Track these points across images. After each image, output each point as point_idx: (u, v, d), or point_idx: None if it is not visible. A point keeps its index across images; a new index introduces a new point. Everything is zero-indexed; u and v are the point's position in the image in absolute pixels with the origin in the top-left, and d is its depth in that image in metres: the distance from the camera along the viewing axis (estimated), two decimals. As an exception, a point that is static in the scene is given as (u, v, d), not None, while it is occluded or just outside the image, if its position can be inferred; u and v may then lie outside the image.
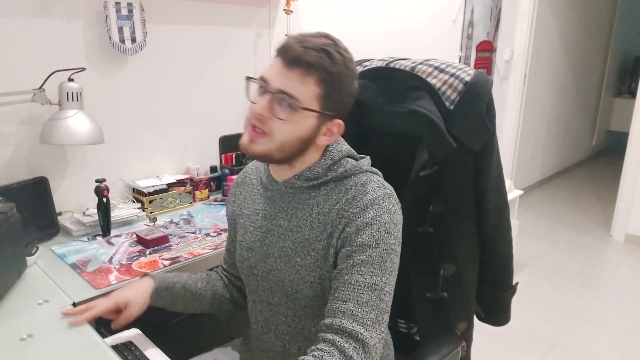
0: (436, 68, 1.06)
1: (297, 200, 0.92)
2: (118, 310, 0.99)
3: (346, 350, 0.76)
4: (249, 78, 0.88)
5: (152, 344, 1.06)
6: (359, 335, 0.77)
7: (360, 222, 0.84)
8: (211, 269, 1.20)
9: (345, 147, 0.94)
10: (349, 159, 0.92)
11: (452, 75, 1.03)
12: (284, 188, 0.93)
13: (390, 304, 0.84)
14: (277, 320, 0.96)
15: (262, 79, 0.85)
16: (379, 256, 0.82)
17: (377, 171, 0.94)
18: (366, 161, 0.94)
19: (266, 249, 0.94)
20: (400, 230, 0.88)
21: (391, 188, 0.89)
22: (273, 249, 0.93)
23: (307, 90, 0.82)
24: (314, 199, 0.90)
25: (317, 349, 0.77)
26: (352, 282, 0.81)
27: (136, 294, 1.00)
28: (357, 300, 0.80)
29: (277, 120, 0.83)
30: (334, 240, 0.86)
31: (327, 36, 0.86)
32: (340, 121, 0.89)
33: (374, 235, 0.83)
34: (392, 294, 0.84)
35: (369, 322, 0.79)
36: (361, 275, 0.81)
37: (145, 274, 1.07)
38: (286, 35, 0.87)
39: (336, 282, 0.83)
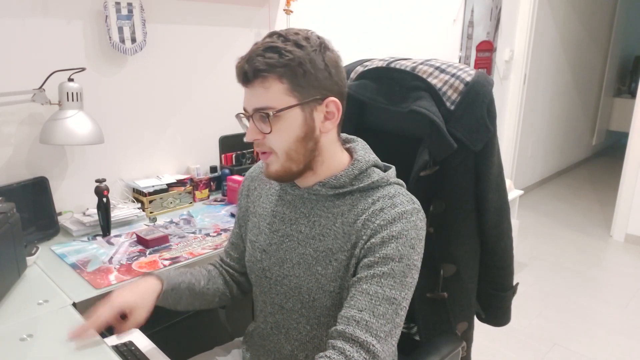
0: (437, 68, 1.06)
1: (320, 207, 0.90)
2: (122, 316, 0.93)
3: None
4: (237, 115, 0.91)
5: (152, 344, 1.06)
6: (371, 347, 0.76)
7: (386, 234, 0.82)
8: (210, 262, 1.15)
9: (372, 156, 0.93)
10: (375, 169, 0.91)
11: (452, 75, 1.03)
12: (306, 194, 0.92)
13: (404, 320, 0.83)
14: (289, 325, 0.95)
15: (244, 109, 0.87)
16: (400, 271, 0.81)
17: (403, 182, 0.93)
18: (392, 172, 0.92)
19: (283, 253, 0.93)
20: (423, 246, 0.87)
21: (418, 203, 0.88)
22: (291, 254, 0.91)
23: (274, 94, 0.81)
24: (339, 208, 0.88)
25: (326, 356, 0.76)
26: (370, 293, 0.80)
27: (142, 297, 0.93)
28: (373, 311, 0.78)
29: (268, 136, 0.83)
30: (358, 250, 0.85)
31: (272, 34, 0.83)
32: (332, 98, 0.84)
33: (399, 249, 0.82)
34: (407, 309, 0.83)
35: (382, 335, 0.77)
36: (380, 287, 0.80)
37: (147, 273, 1.02)
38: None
39: (353, 289, 0.82)
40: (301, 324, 0.92)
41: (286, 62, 0.79)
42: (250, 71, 0.80)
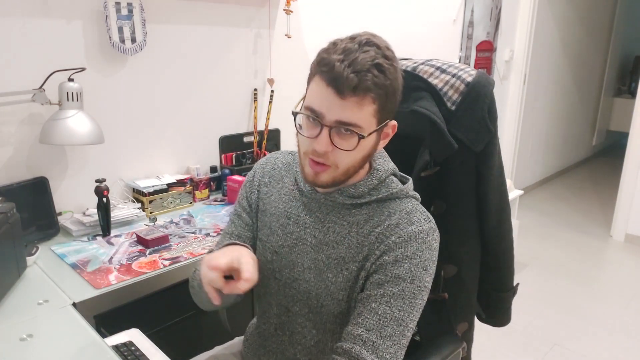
0: (438, 68, 1.06)
1: (335, 214, 0.88)
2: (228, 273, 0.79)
3: None
4: (295, 113, 0.81)
5: (152, 344, 1.06)
6: None
7: (400, 253, 0.81)
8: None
9: (390, 164, 0.91)
10: (393, 178, 0.89)
11: (453, 75, 1.03)
12: (323, 199, 0.89)
13: (410, 339, 0.81)
14: (293, 328, 0.93)
15: (313, 110, 0.78)
16: (411, 292, 0.80)
17: (419, 196, 0.91)
18: (410, 185, 0.91)
19: (295, 256, 0.90)
20: (435, 267, 0.85)
21: (434, 221, 0.86)
22: (303, 258, 0.89)
23: (365, 113, 0.76)
24: (354, 217, 0.86)
25: None
26: (379, 312, 0.78)
27: (247, 250, 0.82)
28: (380, 332, 0.77)
29: (339, 151, 0.79)
30: (369, 264, 0.83)
31: (369, 42, 0.76)
32: (394, 122, 0.84)
33: (411, 270, 0.80)
34: (414, 329, 0.82)
35: (387, 356, 0.77)
36: (389, 307, 0.78)
37: (234, 243, 0.88)
38: (325, 53, 0.77)
39: (361, 306, 0.80)
40: (307, 328, 0.91)
41: (387, 85, 0.76)
42: (358, 86, 0.73)
